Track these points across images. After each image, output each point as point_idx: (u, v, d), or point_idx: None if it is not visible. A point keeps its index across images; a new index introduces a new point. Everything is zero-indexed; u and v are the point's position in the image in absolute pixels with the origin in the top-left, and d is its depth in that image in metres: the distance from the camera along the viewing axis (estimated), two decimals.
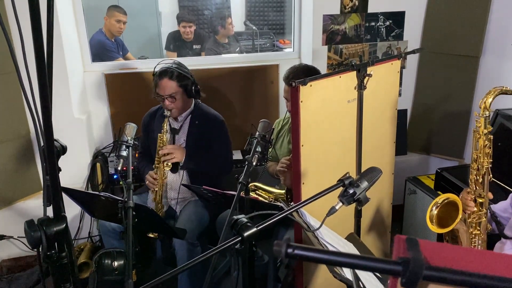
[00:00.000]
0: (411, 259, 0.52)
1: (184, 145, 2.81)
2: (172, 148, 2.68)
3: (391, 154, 2.54)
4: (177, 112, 2.77)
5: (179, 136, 2.83)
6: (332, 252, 0.56)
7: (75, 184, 3.24)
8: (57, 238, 1.10)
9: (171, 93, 2.67)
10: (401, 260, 0.53)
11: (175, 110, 2.74)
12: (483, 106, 2.00)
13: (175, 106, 2.71)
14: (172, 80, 2.66)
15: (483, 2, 3.25)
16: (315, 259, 0.55)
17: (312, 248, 0.55)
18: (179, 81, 2.68)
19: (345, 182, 1.59)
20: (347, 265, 0.56)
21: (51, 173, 1.03)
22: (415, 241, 0.57)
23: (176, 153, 2.67)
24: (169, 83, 2.66)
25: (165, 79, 2.66)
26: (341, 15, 3.41)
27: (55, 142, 1.55)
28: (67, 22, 3.14)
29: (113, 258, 2.41)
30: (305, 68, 2.58)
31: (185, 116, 2.83)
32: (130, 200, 1.89)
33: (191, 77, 2.75)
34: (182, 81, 2.69)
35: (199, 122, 2.82)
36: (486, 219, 2.11)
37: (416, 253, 0.54)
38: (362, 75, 2.06)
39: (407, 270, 0.51)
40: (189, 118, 2.82)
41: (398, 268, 0.52)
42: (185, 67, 2.79)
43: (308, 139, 2.03)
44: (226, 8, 5.60)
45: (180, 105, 2.73)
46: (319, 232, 1.67)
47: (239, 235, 1.40)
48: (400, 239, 0.59)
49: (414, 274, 0.51)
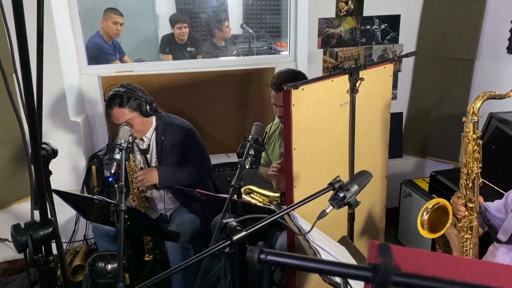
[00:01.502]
0: (381, 265, 0.53)
1: (156, 163, 2.75)
2: (143, 174, 2.61)
3: (384, 157, 2.54)
4: (140, 135, 2.68)
5: (150, 156, 2.75)
6: (304, 258, 0.57)
7: (71, 187, 3.24)
8: (44, 242, 1.10)
9: (126, 120, 2.53)
10: (371, 266, 0.53)
11: (136, 134, 2.63)
12: (471, 111, 2.00)
13: (135, 130, 2.58)
14: (122, 107, 2.52)
15: (478, 6, 3.26)
16: (288, 265, 0.55)
17: (284, 254, 0.56)
18: (130, 107, 2.53)
19: (335, 186, 1.59)
20: (318, 270, 0.57)
21: (37, 176, 1.03)
22: (387, 247, 0.58)
23: (148, 177, 2.61)
24: (121, 111, 2.52)
25: (115, 108, 2.52)
26: (336, 18, 3.42)
27: (46, 145, 1.55)
28: (63, 25, 3.15)
29: (106, 261, 2.41)
30: (292, 73, 2.56)
31: (149, 134, 2.72)
32: (122, 204, 1.89)
33: (143, 97, 2.58)
34: (134, 104, 2.54)
35: (166, 137, 2.72)
36: (477, 223, 2.11)
37: (386, 259, 0.54)
38: (354, 79, 2.06)
39: (376, 276, 0.52)
40: (154, 135, 2.72)
41: (368, 274, 0.53)
42: (133, 87, 2.60)
43: (300, 142, 2.03)
44: (222, 11, 5.61)
45: (139, 128, 2.62)
46: (310, 236, 1.67)
47: (228, 239, 1.40)
48: (373, 245, 0.59)
49: (383, 280, 0.52)
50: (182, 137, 2.73)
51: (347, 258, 1.76)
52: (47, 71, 2.94)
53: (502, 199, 2.19)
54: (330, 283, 1.56)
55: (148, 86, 3.40)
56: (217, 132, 3.57)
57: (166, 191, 2.80)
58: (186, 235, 2.64)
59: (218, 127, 3.59)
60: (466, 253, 2.15)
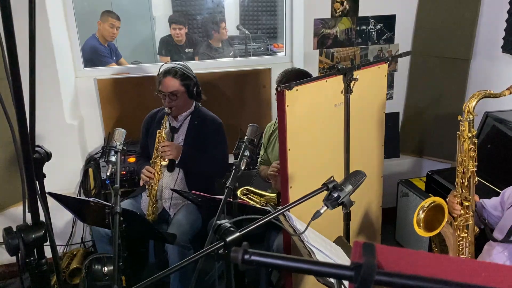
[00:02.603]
0: (363, 264, 0.53)
1: (182, 144, 2.84)
2: (169, 145, 2.71)
3: (379, 157, 2.55)
4: (177, 111, 2.83)
5: (177, 135, 2.87)
6: (287, 258, 0.57)
7: (68, 190, 3.24)
8: (36, 245, 1.10)
9: (173, 90, 2.72)
10: (353, 265, 0.53)
11: (175, 108, 2.79)
12: (466, 110, 2.01)
13: (176, 104, 2.76)
14: (175, 78, 2.74)
15: (472, 5, 3.27)
16: (272, 265, 0.56)
17: (268, 254, 0.56)
18: (182, 80, 2.75)
19: (329, 186, 1.60)
20: (301, 270, 0.57)
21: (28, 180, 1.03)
22: (371, 246, 0.58)
23: (172, 150, 2.70)
24: (172, 81, 2.73)
25: (168, 77, 2.74)
26: (332, 19, 3.42)
27: (39, 148, 1.55)
28: (59, 28, 3.15)
29: (103, 264, 2.42)
30: (298, 72, 2.59)
31: (185, 116, 2.88)
32: (117, 206, 1.90)
33: (194, 78, 2.82)
34: (185, 80, 2.76)
35: (198, 123, 2.86)
36: (473, 222, 2.11)
37: (369, 258, 0.54)
38: (348, 79, 2.07)
39: (358, 275, 0.52)
40: (189, 118, 2.87)
41: (350, 273, 0.53)
42: (189, 68, 2.86)
43: (295, 143, 2.04)
44: (218, 13, 5.62)
45: (180, 103, 2.79)
46: (305, 236, 1.67)
47: (222, 240, 1.40)
48: (358, 244, 0.59)
49: (366, 279, 0.52)
50: (212, 128, 2.88)
51: (342, 258, 1.76)
52: (42, 74, 2.97)
53: (499, 197, 2.19)
54: (324, 283, 1.56)
55: (144, 89, 3.42)
56: None
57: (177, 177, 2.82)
58: (187, 235, 2.64)
59: None
60: (462, 252, 2.15)
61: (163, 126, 2.74)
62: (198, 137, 2.85)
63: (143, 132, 3.01)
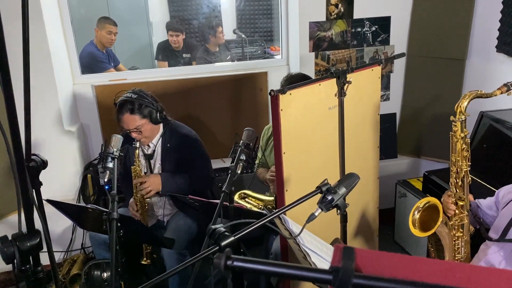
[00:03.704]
0: (341, 268, 0.54)
1: (160, 169, 2.79)
2: (147, 183, 2.64)
3: (375, 158, 2.56)
4: (147, 141, 2.74)
5: (154, 161, 2.81)
6: (269, 263, 0.58)
7: (67, 196, 3.26)
8: (31, 253, 1.12)
9: (136, 126, 2.60)
10: (332, 269, 0.55)
11: (144, 139, 2.70)
12: (458, 110, 2.02)
13: (143, 136, 2.66)
14: (133, 114, 2.59)
15: (466, 5, 3.29)
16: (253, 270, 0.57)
17: (250, 260, 0.57)
18: (141, 113, 2.60)
19: (322, 189, 1.61)
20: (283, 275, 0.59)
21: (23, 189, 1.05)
22: (351, 250, 0.60)
23: (152, 185, 2.65)
24: (131, 117, 2.59)
25: (126, 114, 2.59)
26: (327, 22, 3.44)
27: (35, 156, 1.57)
28: (55, 35, 3.17)
29: (102, 270, 2.43)
30: (301, 76, 2.59)
31: (156, 140, 2.79)
32: (114, 212, 1.91)
33: (154, 105, 2.66)
34: (144, 112, 2.61)
35: (171, 144, 2.77)
36: (468, 221, 2.12)
37: (347, 262, 0.56)
38: (342, 82, 2.08)
39: (337, 278, 0.54)
40: (160, 141, 2.78)
41: (329, 277, 0.55)
42: (145, 94, 2.68)
43: (290, 146, 2.05)
44: (214, 17, 5.64)
45: (147, 134, 2.69)
46: (300, 238, 1.69)
47: (216, 245, 1.42)
48: (338, 248, 0.61)
49: (343, 282, 0.53)
50: (187, 146, 2.78)
51: None
52: (40, 82, 2.99)
53: (493, 197, 2.21)
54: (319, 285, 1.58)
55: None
56: (212, 137, 3.59)
57: (167, 197, 2.82)
58: (183, 242, 2.66)
59: (212, 132, 3.61)
60: (458, 251, 2.16)
61: (136, 162, 2.65)
62: (174, 158, 2.77)
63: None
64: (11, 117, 1.03)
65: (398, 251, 3.41)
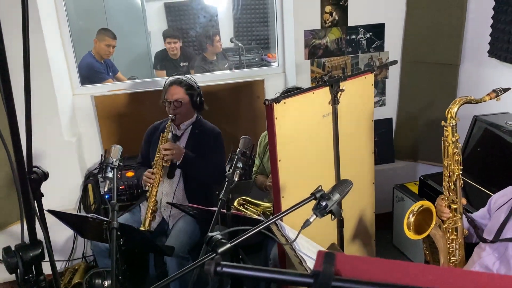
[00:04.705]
0: (321, 272, 0.58)
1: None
2: (172, 145, 2.81)
3: (370, 164, 2.60)
4: (180, 119, 2.95)
5: (179, 143, 2.98)
6: (255, 268, 0.62)
7: (68, 206, 3.30)
8: (34, 263, 1.15)
9: (178, 98, 2.87)
10: (312, 273, 0.59)
11: (179, 116, 2.91)
12: (449, 116, 2.07)
13: (180, 111, 2.89)
14: (180, 87, 2.90)
15: (458, 12, 3.34)
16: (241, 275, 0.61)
17: (238, 266, 0.61)
18: (186, 89, 2.91)
19: (316, 195, 1.65)
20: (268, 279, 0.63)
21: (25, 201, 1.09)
22: (332, 255, 0.64)
23: (175, 151, 2.80)
24: (177, 89, 2.90)
25: (174, 85, 2.91)
26: (322, 29, 3.49)
27: (36, 169, 1.61)
28: (55, 47, 3.22)
29: (103, 278, 2.46)
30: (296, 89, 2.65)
31: (187, 125, 3.00)
32: (114, 221, 1.95)
33: (198, 89, 2.98)
34: (189, 90, 2.92)
35: (198, 133, 2.99)
36: (461, 224, 2.16)
37: (328, 266, 0.60)
38: (335, 90, 2.13)
39: (316, 282, 0.58)
40: (190, 128, 3.00)
41: (310, 281, 0.59)
42: (194, 80, 3.02)
43: (285, 154, 2.10)
44: (210, 26, 5.70)
45: (184, 111, 2.92)
46: (296, 244, 1.72)
47: (213, 252, 1.46)
48: (320, 254, 0.65)
49: (323, 286, 0.57)
50: (211, 136, 3.02)
51: None
52: (39, 93, 3.04)
53: (486, 206, 2.25)
54: None
55: (141, 104, 3.49)
56: None
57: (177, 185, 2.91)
58: (186, 246, 2.70)
59: None
60: (452, 254, 2.20)
61: (166, 130, 2.88)
62: (198, 145, 2.96)
63: (145, 140, 3.11)
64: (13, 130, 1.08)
65: (396, 255, 3.44)
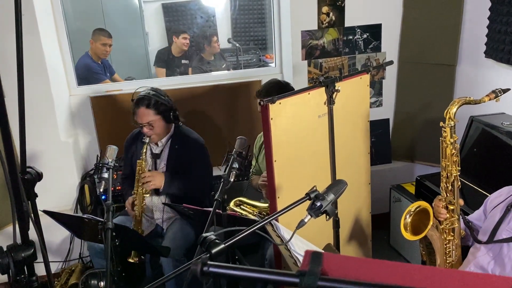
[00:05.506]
0: (307, 271, 0.58)
1: (164, 169, 2.85)
2: (150, 175, 2.71)
3: (366, 165, 2.60)
4: (157, 138, 2.83)
5: (160, 161, 2.88)
6: (242, 268, 0.62)
7: (65, 207, 3.29)
8: (26, 263, 1.15)
9: (149, 121, 2.71)
10: (298, 273, 0.59)
11: (154, 136, 2.79)
12: (447, 116, 2.07)
13: (154, 132, 2.76)
14: (149, 108, 2.70)
15: (455, 12, 3.34)
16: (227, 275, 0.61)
17: (224, 266, 0.61)
18: (156, 109, 2.72)
19: (311, 196, 1.65)
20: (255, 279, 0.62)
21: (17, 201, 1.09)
22: (319, 255, 0.64)
23: (154, 180, 2.71)
24: (146, 111, 2.70)
25: (142, 108, 2.71)
26: (318, 30, 3.49)
27: (30, 169, 1.61)
28: (51, 47, 3.21)
29: (99, 279, 2.45)
30: (277, 83, 2.68)
31: (165, 140, 2.88)
32: (109, 222, 1.95)
33: (169, 103, 2.79)
34: (159, 108, 2.73)
35: (179, 146, 2.86)
36: (459, 225, 2.16)
37: (314, 266, 0.60)
38: (330, 91, 2.13)
39: (302, 281, 0.58)
40: (169, 142, 2.87)
41: (296, 280, 0.58)
42: (162, 93, 2.81)
43: (281, 154, 2.10)
44: (208, 27, 5.71)
45: (158, 131, 2.78)
46: (291, 245, 1.72)
47: (207, 252, 1.45)
48: (307, 253, 0.65)
49: (309, 285, 0.57)
50: (194, 151, 2.87)
51: None
52: (36, 93, 3.03)
53: (481, 207, 2.25)
54: None
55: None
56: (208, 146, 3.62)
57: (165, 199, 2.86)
58: (181, 249, 2.69)
59: (209, 141, 3.63)
60: (449, 255, 2.20)
61: (142, 156, 2.75)
62: (180, 160, 2.85)
63: (124, 152, 3.01)
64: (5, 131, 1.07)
65: (393, 256, 3.44)
